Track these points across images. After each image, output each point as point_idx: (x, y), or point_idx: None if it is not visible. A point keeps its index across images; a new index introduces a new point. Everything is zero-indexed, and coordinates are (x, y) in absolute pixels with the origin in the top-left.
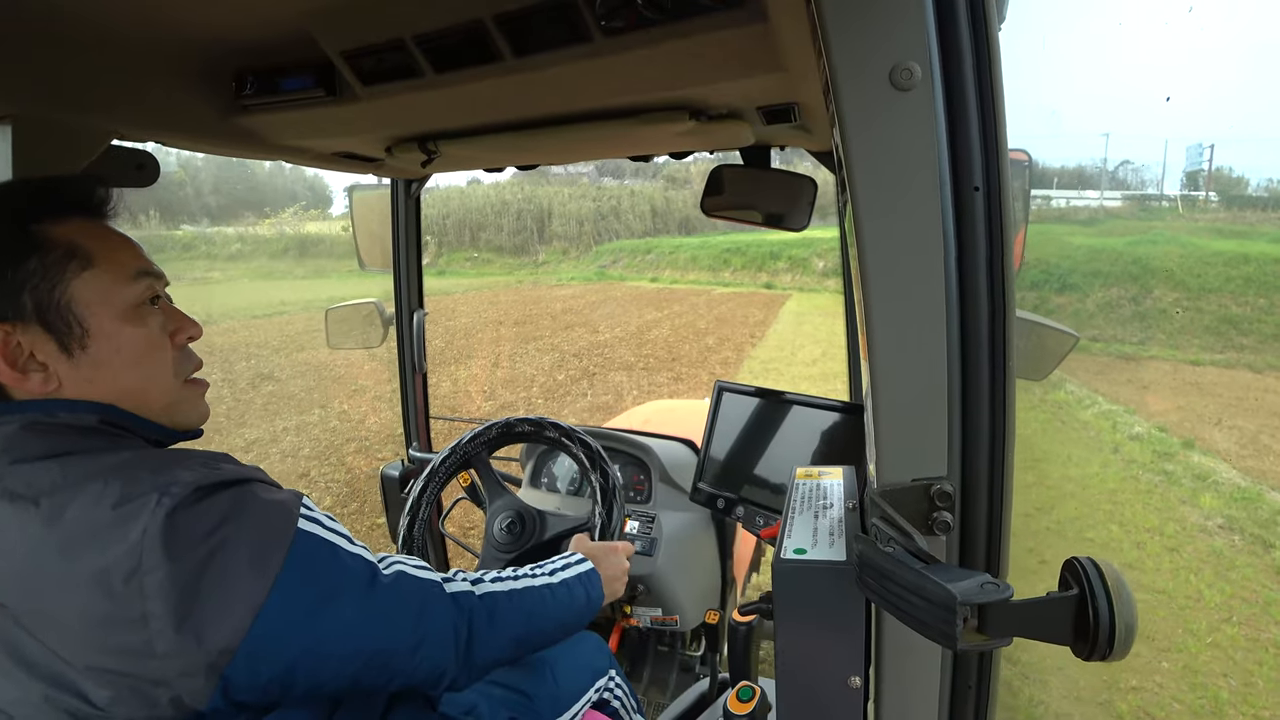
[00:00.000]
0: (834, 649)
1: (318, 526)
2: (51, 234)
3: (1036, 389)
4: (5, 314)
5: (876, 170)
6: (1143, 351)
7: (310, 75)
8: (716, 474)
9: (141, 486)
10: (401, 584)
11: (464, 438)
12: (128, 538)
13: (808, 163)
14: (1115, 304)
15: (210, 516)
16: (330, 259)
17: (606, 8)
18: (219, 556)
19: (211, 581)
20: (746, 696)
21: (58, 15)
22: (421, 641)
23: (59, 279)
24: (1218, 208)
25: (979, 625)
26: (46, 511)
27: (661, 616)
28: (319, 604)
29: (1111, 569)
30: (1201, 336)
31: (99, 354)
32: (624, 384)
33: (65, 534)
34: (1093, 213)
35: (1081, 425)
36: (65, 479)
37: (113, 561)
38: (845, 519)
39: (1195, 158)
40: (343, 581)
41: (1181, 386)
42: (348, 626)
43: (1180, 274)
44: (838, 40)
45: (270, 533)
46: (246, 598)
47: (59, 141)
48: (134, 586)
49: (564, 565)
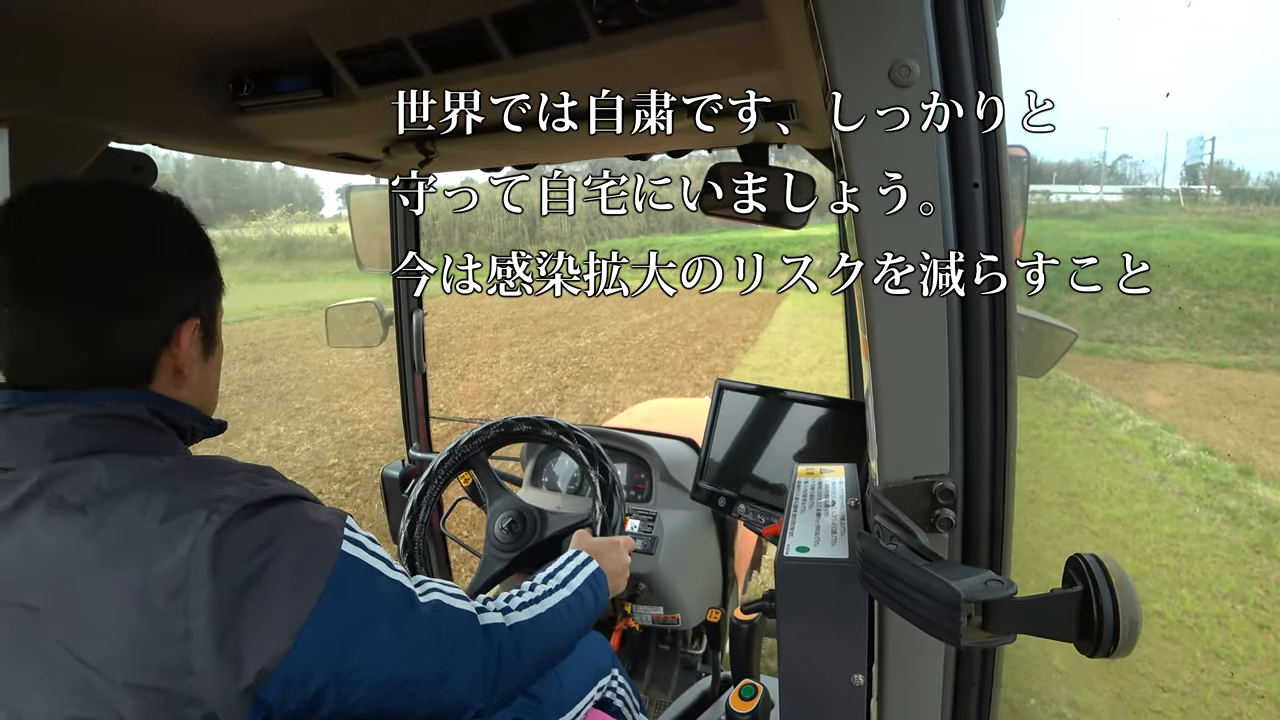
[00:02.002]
0: (837, 647)
1: (360, 549)
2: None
3: (1059, 402)
4: (199, 313)
5: (876, 167)
6: (1161, 353)
7: (307, 76)
8: (717, 472)
9: (189, 500)
10: (437, 615)
11: (461, 439)
12: (175, 553)
13: (804, 160)
14: (1130, 302)
15: (257, 536)
16: (318, 260)
17: (603, 6)
18: (263, 577)
19: (254, 602)
20: (749, 694)
21: (55, 17)
22: (450, 674)
23: (219, 294)
24: (1220, 201)
25: (983, 622)
26: (92, 520)
27: (663, 615)
28: (356, 629)
29: (1115, 565)
30: (1224, 336)
31: (215, 362)
32: (597, 398)
33: (108, 544)
34: (1093, 207)
35: (1116, 446)
36: (111, 484)
37: (158, 576)
38: (847, 517)
39: (1196, 151)
40: (380, 608)
41: (1212, 394)
42: (381, 654)
43: (1198, 270)
44: (836, 37)
45: (314, 554)
46: (287, 620)
47: (56, 144)
48: (179, 603)
49: (573, 571)
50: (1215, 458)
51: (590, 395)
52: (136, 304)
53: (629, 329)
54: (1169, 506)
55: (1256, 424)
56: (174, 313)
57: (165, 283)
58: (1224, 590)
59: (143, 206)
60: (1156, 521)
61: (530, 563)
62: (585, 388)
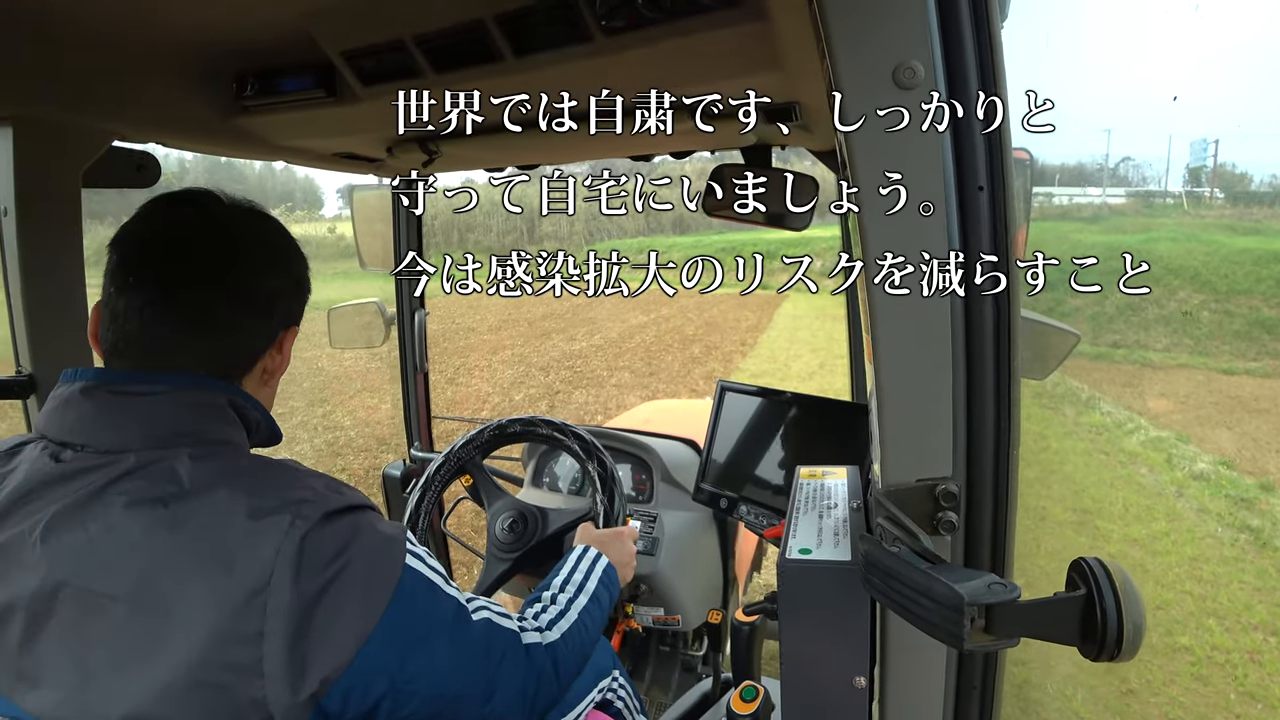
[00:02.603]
0: (839, 649)
1: (420, 564)
2: None
3: (1068, 410)
4: (297, 322)
5: (877, 168)
6: (1170, 359)
7: (310, 76)
8: (719, 473)
9: (272, 501)
10: (488, 632)
11: (456, 443)
12: (259, 554)
13: (807, 161)
14: (1136, 305)
15: (334, 543)
16: (317, 260)
17: (606, 7)
18: (336, 584)
19: (326, 610)
20: (750, 696)
21: (58, 16)
22: (495, 692)
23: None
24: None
25: (986, 626)
26: (173, 514)
27: (664, 616)
28: (416, 642)
29: (1119, 569)
30: (1233, 342)
31: (282, 368)
32: (589, 405)
33: (191, 540)
34: (1096, 210)
35: (1129, 458)
36: (193, 479)
37: (241, 576)
38: (850, 519)
39: (1200, 153)
40: (439, 621)
41: (1223, 402)
42: (435, 668)
43: (1206, 273)
44: (840, 39)
45: (381, 566)
46: (355, 628)
47: (60, 143)
48: (258, 604)
49: (586, 572)
50: (1234, 471)
51: (583, 401)
52: (268, 301)
53: (625, 331)
54: (1189, 526)
55: (1272, 434)
56: (286, 317)
57: (287, 287)
58: (1255, 621)
59: (269, 216)
60: (1177, 543)
61: (533, 562)
62: (578, 393)
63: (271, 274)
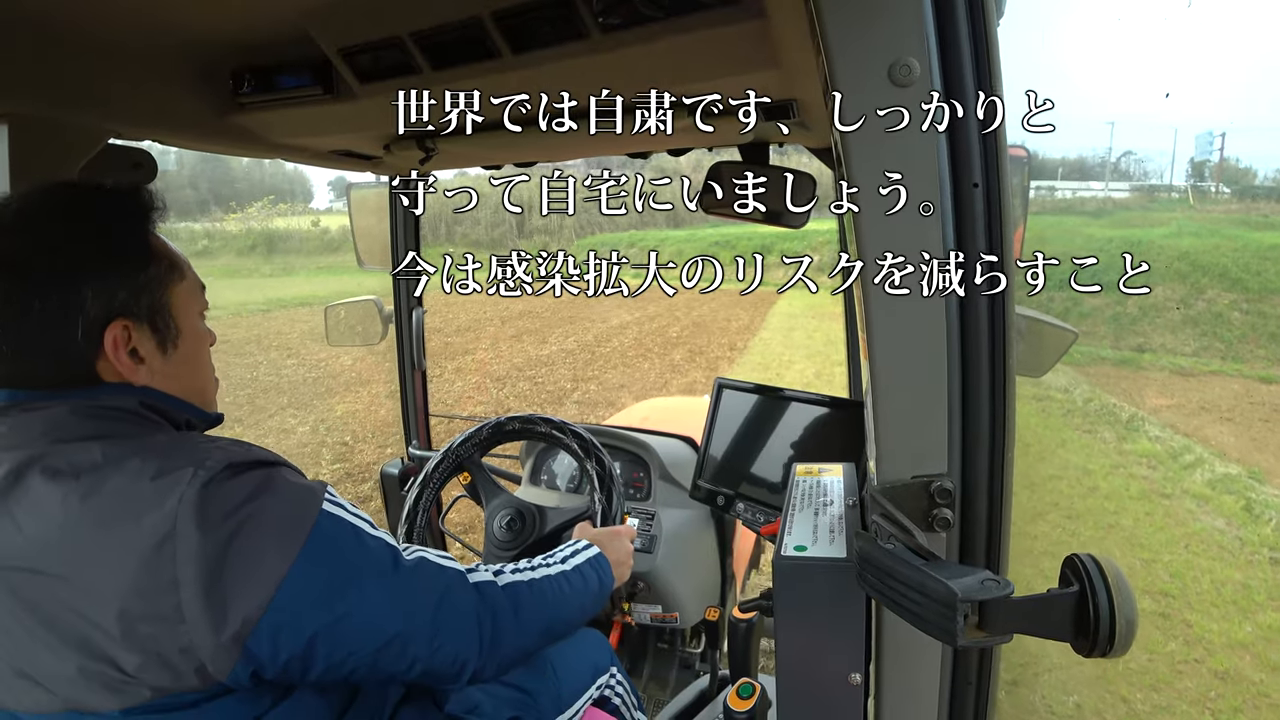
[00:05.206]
0: (834, 646)
1: (342, 510)
2: (155, 245)
3: (1108, 433)
4: (130, 312)
5: (876, 167)
6: (1201, 365)
7: (308, 73)
8: (716, 471)
9: (178, 461)
10: (423, 570)
11: (454, 441)
12: (163, 506)
13: (804, 157)
14: (1161, 306)
15: (240, 492)
16: (300, 255)
17: (604, 5)
18: (246, 529)
19: (238, 553)
20: (747, 693)
21: (54, 14)
22: (441, 628)
23: (165, 286)
24: (1229, 198)
25: (979, 622)
26: (86, 485)
27: (661, 614)
28: (340, 582)
29: (1111, 565)
30: (1269, 346)
31: (185, 353)
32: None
33: (103, 506)
34: (1100, 204)
35: (1200, 507)
36: (105, 458)
37: (148, 528)
38: (846, 516)
39: (1205, 147)
40: (364, 562)
41: (1273, 417)
42: (367, 607)
43: (1236, 271)
44: (836, 37)
45: (295, 511)
46: (270, 570)
47: (56, 140)
48: (167, 553)
49: (572, 553)
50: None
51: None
52: (52, 314)
53: (604, 333)
54: (1264, 576)
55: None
56: (95, 318)
57: (71, 291)
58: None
59: (47, 215)
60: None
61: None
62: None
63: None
